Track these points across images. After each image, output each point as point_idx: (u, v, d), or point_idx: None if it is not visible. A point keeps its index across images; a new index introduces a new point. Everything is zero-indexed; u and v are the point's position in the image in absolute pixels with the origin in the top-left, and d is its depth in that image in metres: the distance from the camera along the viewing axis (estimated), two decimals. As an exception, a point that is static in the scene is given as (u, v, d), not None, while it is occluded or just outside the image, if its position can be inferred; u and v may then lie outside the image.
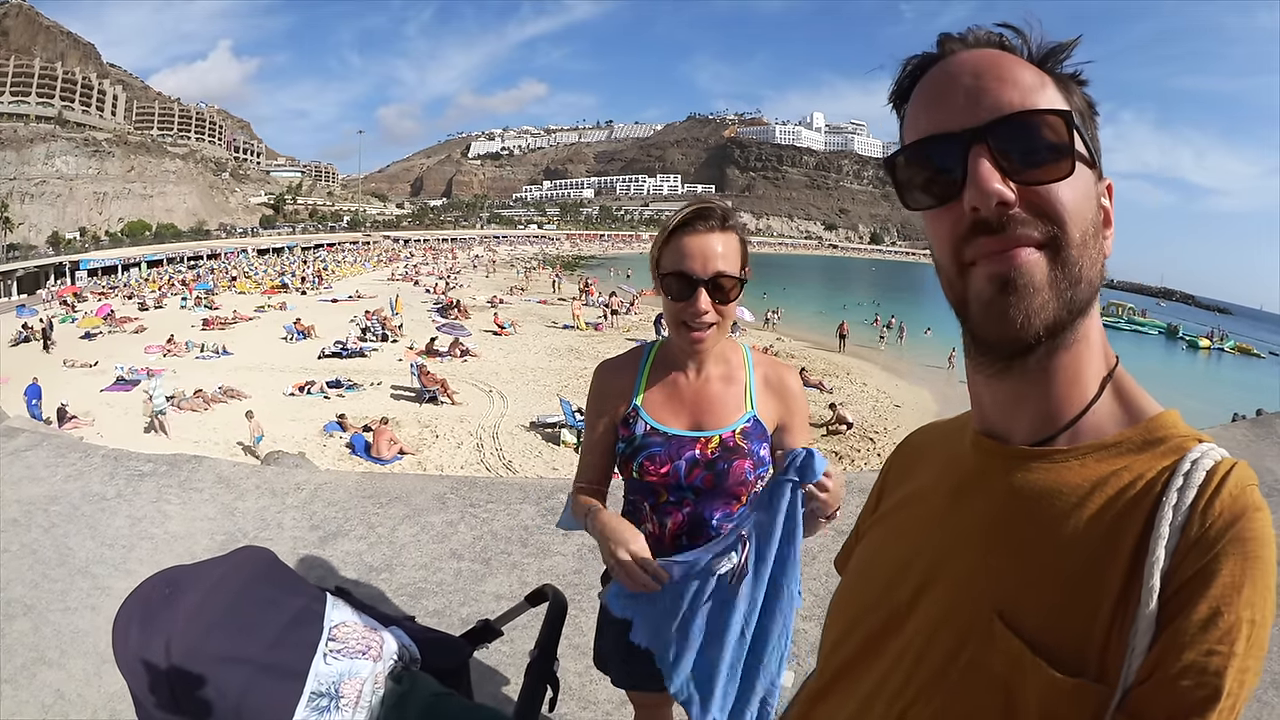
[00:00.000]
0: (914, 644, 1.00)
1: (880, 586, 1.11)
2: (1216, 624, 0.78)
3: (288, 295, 54.91)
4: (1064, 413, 0.98)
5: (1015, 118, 0.88)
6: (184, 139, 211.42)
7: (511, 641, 3.60)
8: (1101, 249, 0.94)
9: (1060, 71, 0.96)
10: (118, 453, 6.12)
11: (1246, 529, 0.81)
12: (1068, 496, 0.92)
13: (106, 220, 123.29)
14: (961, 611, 0.96)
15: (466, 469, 19.57)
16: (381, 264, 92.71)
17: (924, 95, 0.97)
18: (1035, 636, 0.86)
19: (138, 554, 4.66)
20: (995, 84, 0.91)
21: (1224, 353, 71.85)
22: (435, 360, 31.58)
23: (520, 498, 5.64)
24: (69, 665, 3.73)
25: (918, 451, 1.30)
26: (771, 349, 38.96)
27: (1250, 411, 20.65)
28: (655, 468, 2.25)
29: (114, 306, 45.59)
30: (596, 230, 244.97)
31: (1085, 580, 0.86)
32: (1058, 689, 0.82)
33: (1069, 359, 0.96)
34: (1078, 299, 0.92)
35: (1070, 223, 0.89)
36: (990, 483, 1.01)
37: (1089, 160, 0.93)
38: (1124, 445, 0.93)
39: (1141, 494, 0.87)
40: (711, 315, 2.14)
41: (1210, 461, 0.86)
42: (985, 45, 0.96)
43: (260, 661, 1.89)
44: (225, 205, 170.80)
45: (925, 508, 1.14)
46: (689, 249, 2.13)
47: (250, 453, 19.81)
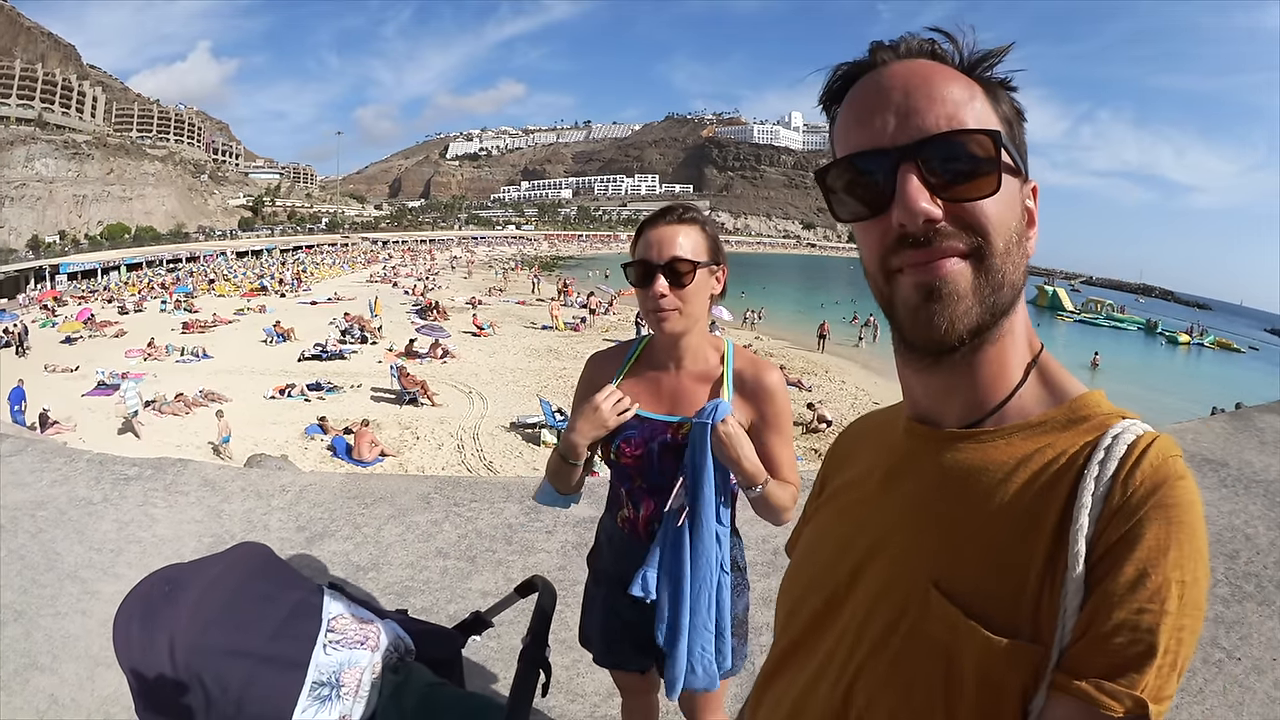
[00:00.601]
0: (856, 618, 1.05)
1: (822, 566, 1.17)
2: (1144, 584, 0.82)
3: (267, 298, 54.66)
4: (991, 398, 1.02)
5: (943, 137, 0.92)
6: (163, 141, 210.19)
7: (499, 637, 3.64)
8: (1025, 251, 0.99)
9: (990, 78, 1.00)
10: (102, 457, 6.12)
11: (1169, 495, 0.85)
12: (994, 473, 0.97)
13: (86, 223, 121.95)
14: (899, 584, 1.01)
15: (447, 470, 19.54)
16: (360, 266, 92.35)
17: (855, 107, 1.01)
18: (969, 602, 0.91)
19: (126, 558, 4.68)
20: (924, 101, 0.94)
21: (1203, 348, 72.17)
22: (415, 362, 31.55)
23: (504, 496, 5.70)
24: (61, 670, 3.73)
25: (855, 440, 1.35)
26: (750, 348, 39.12)
27: (1229, 405, 20.85)
28: (631, 450, 2.37)
29: (94, 310, 45.25)
30: (574, 231, 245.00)
31: (1012, 548, 0.91)
32: (993, 649, 0.87)
33: (994, 352, 1.01)
34: (1000, 303, 0.96)
35: (994, 233, 0.93)
36: (921, 464, 1.07)
37: (1014, 169, 0.98)
38: (1049, 424, 0.99)
39: (1065, 468, 0.92)
40: (670, 300, 2.25)
41: (1131, 435, 0.91)
42: (917, 54, 1.00)
43: (261, 654, 1.94)
44: (204, 207, 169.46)
45: (862, 491, 1.18)
46: (649, 239, 2.29)
47: (219, 452, 19.86)
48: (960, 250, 0.93)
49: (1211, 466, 6.39)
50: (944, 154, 0.92)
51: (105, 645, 1.91)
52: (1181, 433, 7.35)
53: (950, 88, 0.96)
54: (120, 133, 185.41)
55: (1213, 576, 4.69)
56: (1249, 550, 5.05)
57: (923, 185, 0.92)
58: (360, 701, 1.99)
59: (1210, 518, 5.42)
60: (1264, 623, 4.27)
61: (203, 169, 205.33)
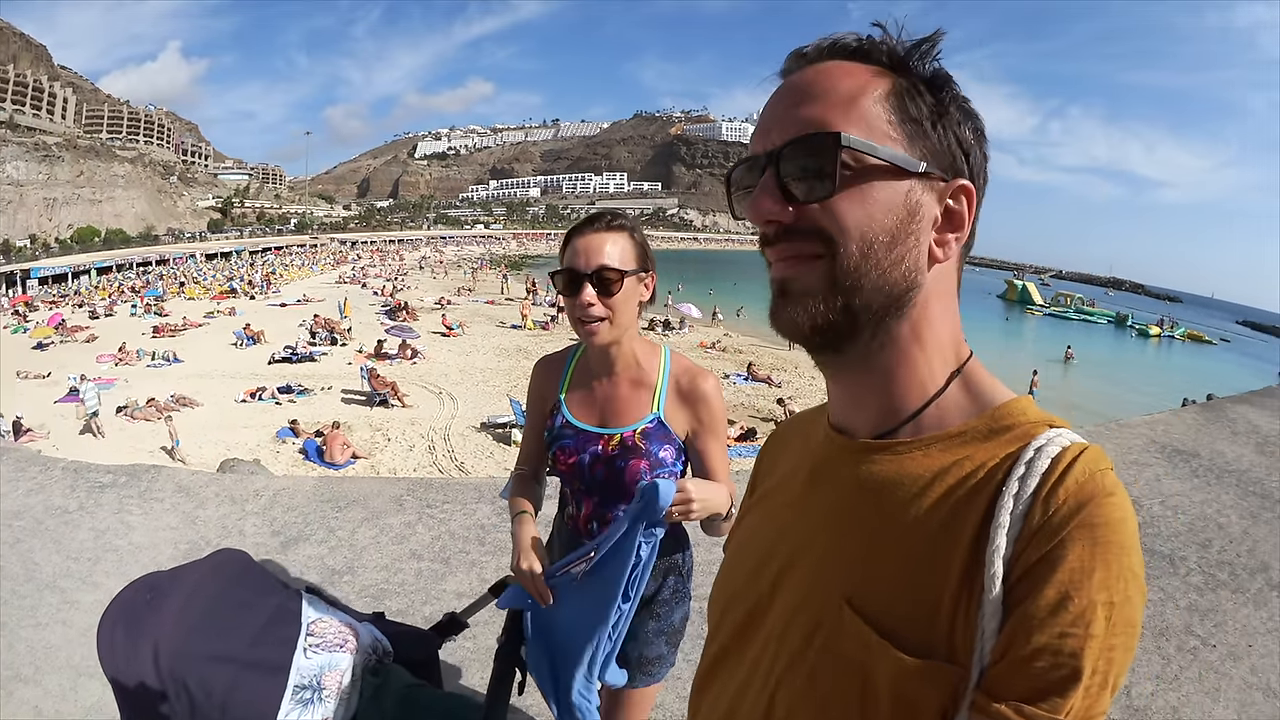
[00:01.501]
0: (776, 630, 1.04)
1: (748, 572, 1.16)
2: (1067, 607, 0.79)
3: (236, 300, 54.26)
4: (902, 407, 1.00)
5: (791, 144, 0.94)
6: (133, 142, 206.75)
7: (475, 637, 3.70)
8: (908, 255, 0.96)
9: (917, 72, 0.98)
10: (77, 465, 6.12)
11: (1095, 514, 0.82)
12: (909, 486, 0.95)
13: (56, 227, 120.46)
14: (814, 598, 1.00)
15: (419, 471, 19.54)
16: (329, 267, 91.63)
17: (760, 116, 1.03)
18: (880, 621, 0.90)
19: (103, 566, 4.68)
20: (797, 109, 0.96)
21: (1174, 340, 72.73)
22: (384, 363, 31.55)
23: (475, 497, 5.76)
24: (45, 681, 3.73)
25: (784, 441, 1.34)
26: (719, 344, 39.25)
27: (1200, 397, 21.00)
28: (565, 458, 2.43)
29: (65, 315, 44.72)
30: (543, 229, 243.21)
31: (925, 566, 0.89)
32: (906, 669, 0.86)
33: (894, 358, 0.99)
34: (858, 304, 0.94)
35: (844, 236, 0.92)
36: (839, 473, 1.05)
37: (893, 169, 0.94)
38: (968, 435, 0.96)
39: (983, 481, 0.90)
40: (598, 309, 2.26)
41: (1056, 448, 0.88)
42: (830, 56, 1.00)
43: (244, 659, 1.97)
44: (173, 209, 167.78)
45: (787, 495, 1.17)
46: (576, 247, 2.30)
47: (172, 455, 19.87)
48: (809, 251, 0.95)
49: (1183, 457, 6.54)
50: (792, 159, 0.94)
51: (87, 655, 1.94)
52: (1153, 424, 7.48)
53: (837, 87, 0.96)
54: (90, 134, 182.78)
55: (1187, 564, 4.78)
56: (1222, 539, 5.16)
57: (775, 189, 0.95)
58: (341, 704, 2.02)
59: (1183, 508, 5.58)
60: (1238, 610, 4.37)
61: (172, 170, 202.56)
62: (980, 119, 1.01)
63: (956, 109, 0.98)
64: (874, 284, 0.94)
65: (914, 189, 0.95)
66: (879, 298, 0.95)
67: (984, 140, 1.01)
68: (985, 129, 1.02)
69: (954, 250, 0.99)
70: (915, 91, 0.97)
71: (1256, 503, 5.77)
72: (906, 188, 0.95)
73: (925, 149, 0.95)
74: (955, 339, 1.03)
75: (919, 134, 0.96)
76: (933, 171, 0.95)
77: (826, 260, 0.94)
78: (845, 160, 0.92)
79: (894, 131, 0.95)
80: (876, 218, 0.93)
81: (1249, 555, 4.96)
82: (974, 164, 0.99)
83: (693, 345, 39.37)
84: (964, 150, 0.98)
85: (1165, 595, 4.48)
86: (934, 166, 0.95)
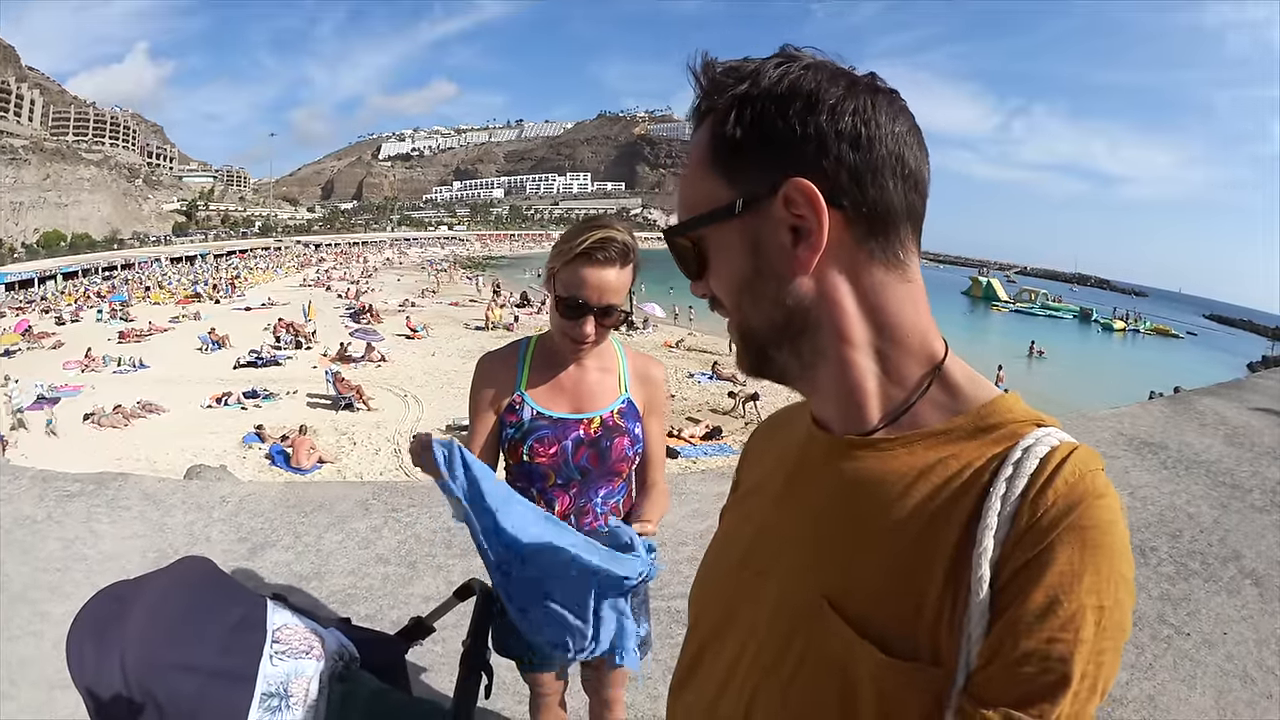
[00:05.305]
0: (756, 629, 1.02)
1: (725, 573, 1.15)
2: (1055, 612, 0.77)
3: (201, 304, 53.88)
4: (871, 405, 0.98)
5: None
6: (99, 145, 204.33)
7: (443, 641, 3.74)
8: (769, 288, 0.95)
9: (734, 95, 0.93)
10: (45, 474, 6.09)
11: (1084, 517, 0.80)
12: (893, 485, 0.92)
13: (23, 231, 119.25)
14: (794, 597, 0.98)
15: (385, 475, 19.53)
16: (293, 270, 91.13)
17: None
18: (862, 622, 0.88)
19: (73, 577, 4.66)
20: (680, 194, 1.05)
21: (1139, 334, 73.23)
22: (349, 366, 31.52)
23: (441, 501, 5.68)
24: (20, 695, 3.71)
25: (767, 438, 1.32)
26: (683, 344, 39.48)
27: (1168, 390, 21.26)
28: (544, 449, 2.46)
29: (31, 321, 44.21)
30: (506, 230, 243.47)
31: (909, 567, 0.87)
32: (889, 671, 0.84)
33: (836, 369, 0.97)
34: (759, 336, 0.99)
35: (725, 297, 1.01)
36: (820, 471, 1.03)
37: (723, 215, 0.95)
38: (954, 433, 0.93)
39: (970, 482, 0.88)
40: (596, 336, 2.40)
41: (1045, 448, 0.86)
42: (700, 119, 1.00)
43: (211, 668, 1.98)
44: (138, 213, 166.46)
45: (766, 495, 1.15)
46: (588, 279, 2.31)
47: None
48: (724, 313, 1.03)
49: (1151, 449, 6.66)
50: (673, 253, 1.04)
51: (60, 667, 1.94)
52: (1120, 417, 7.59)
53: (690, 174, 1.00)
54: (57, 137, 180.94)
55: (1158, 555, 4.87)
56: (1192, 529, 5.26)
57: (691, 274, 1.04)
58: (309, 710, 2.04)
59: (1152, 499, 5.70)
60: (1211, 598, 4.46)
61: (137, 173, 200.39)
62: (856, 97, 0.91)
63: (793, 109, 0.90)
64: (761, 323, 0.98)
65: (746, 225, 0.94)
66: (773, 333, 0.98)
67: (860, 116, 0.90)
68: (871, 105, 0.91)
69: (807, 263, 0.92)
70: (726, 119, 0.93)
71: (1227, 493, 5.89)
72: (739, 229, 0.95)
73: (745, 178, 0.93)
74: (922, 342, 0.98)
75: (738, 165, 0.94)
76: (758, 193, 0.92)
77: (732, 316, 1.01)
78: (683, 244, 1.01)
79: (712, 181, 0.96)
80: (735, 270, 0.97)
81: (1220, 544, 5.06)
82: (833, 151, 0.89)
83: (657, 345, 39.50)
84: (802, 144, 0.90)
85: (1137, 585, 4.51)
86: (758, 187, 0.92)
